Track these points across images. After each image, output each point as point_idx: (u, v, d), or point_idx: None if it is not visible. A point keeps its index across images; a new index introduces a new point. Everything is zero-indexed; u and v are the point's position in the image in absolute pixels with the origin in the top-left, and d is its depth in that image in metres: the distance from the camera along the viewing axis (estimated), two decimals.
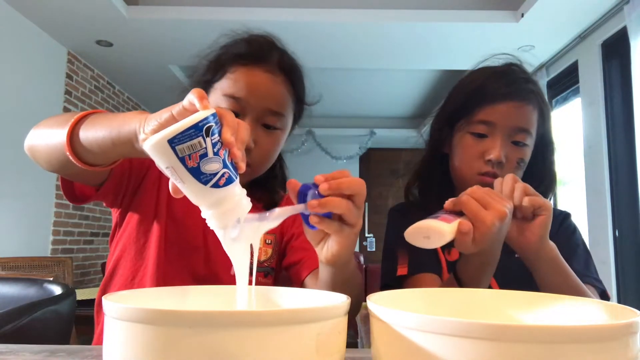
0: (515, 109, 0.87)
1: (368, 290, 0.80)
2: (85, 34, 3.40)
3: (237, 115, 0.82)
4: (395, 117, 5.99)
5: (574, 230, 0.98)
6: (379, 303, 0.43)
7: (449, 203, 0.68)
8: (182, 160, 0.46)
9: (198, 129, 0.46)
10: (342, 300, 0.45)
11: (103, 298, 0.43)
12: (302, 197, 0.58)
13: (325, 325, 0.41)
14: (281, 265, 0.95)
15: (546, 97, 3.65)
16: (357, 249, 6.31)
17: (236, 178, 0.50)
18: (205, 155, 0.47)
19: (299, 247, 0.91)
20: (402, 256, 0.92)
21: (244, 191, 0.52)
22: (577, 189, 3.29)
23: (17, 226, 3.22)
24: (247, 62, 0.85)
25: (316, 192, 0.56)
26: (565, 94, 3.66)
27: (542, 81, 3.72)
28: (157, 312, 0.37)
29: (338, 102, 5.41)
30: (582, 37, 3.26)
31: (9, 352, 0.60)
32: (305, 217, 0.60)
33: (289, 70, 0.88)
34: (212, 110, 0.49)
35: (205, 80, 0.88)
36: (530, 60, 3.72)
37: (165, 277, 0.83)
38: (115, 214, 0.89)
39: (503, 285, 0.88)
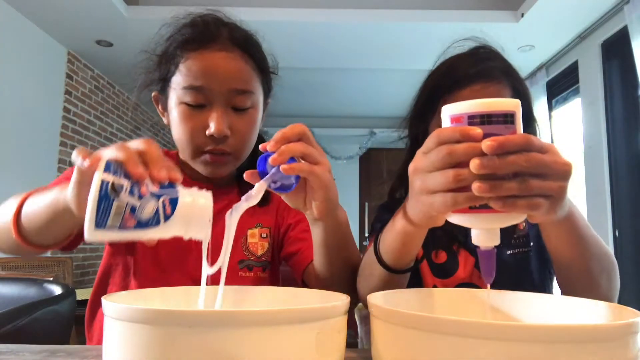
0: (479, 91, 0.81)
1: None
2: (85, 34, 3.40)
3: (203, 105, 0.79)
4: (395, 117, 5.96)
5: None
6: (379, 303, 0.43)
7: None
8: (123, 228, 0.45)
9: (106, 198, 0.44)
10: (341, 300, 0.45)
11: (103, 298, 0.43)
12: (264, 175, 0.59)
13: (325, 324, 0.41)
14: (280, 256, 0.94)
15: (546, 96, 3.66)
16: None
17: (177, 194, 0.48)
18: (133, 208, 0.45)
19: (295, 237, 0.90)
20: (371, 241, 0.88)
21: (194, 191, 0.50)
22: (577, 189, 3.29)
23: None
24: (197, 46, 0.79)
25: (270, 154, 0.57)
26: (565, 94, 3.66)
27: (542, 81, 3.72)
28: (157, 312, 0.37)
29: (338, 102, 5.41)
30: (582, 37, 3.25)
31: (9, 352, 0.60)
32: (278, 189, 0.61)
33: (243, 43, 0.82)
34: (103, 164, 0.45)
35: (160, 78, 0.84)
36: (531, 60, 3.68)
37: (159, 281, 0.81)
38: None
39: (497, 281, 0.86)
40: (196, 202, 0.49)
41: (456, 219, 0.49)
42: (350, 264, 0.76)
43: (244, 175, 0.60)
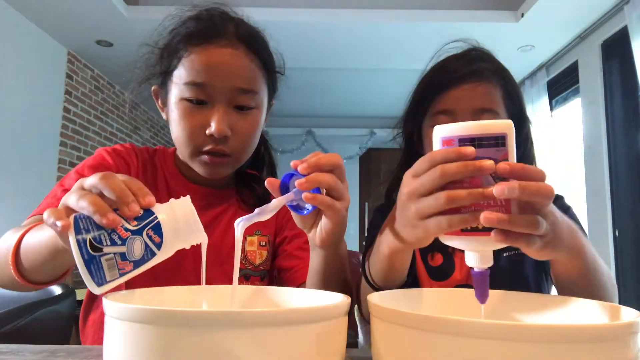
0: (469, 90, 0.82)
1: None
2: (85, 34, 3.39)
3: (205, 103, 0.76)
4: (395, 117, 5.94)
5: (567, 209, 0.91)
6: (378, 303, 0.43)
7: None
8: (122, 274, 0.45)
9: (91, 259, 0.44)
10: (342, 300, 0.45)
11: (104, 298, 0.43)
12: (285, 189, 0.59)
13: (326, 325, 0.41)
14: (272, 265, 0.92)
15: (546, 96, 3.66)
16: (357, 248, 6.31)
17: (156, 218, 0.47)
18: (123, 254, 0.45)
19: (291, 253, 0.88)
20: (367, 254, 0.89)
21: (172, 204, 0.49)
22: (577, 189, 3.29)
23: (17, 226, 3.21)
24: (200, 41, 0.76)
25: (298, 175, 0.56)
26: (565, 94, 3.66)
27: (542, 81, 3.71)
28: (158, 311, 0.37)
29: (338, 102, 5.40)
30: (582, 37, 3.25)
31: (9, 352, 0.60)
32: (292, 207, 0.61)
33: (249, 40, 0.79)
34: (73, 225, 0.44)
35: (162, 72, 0.81)
36: (531, 60, 3.67)
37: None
38: None
39: (492, 285, 0.85)
40: (178, 215, 0.49)
41: (450, 242, 0.50)
42: (341, 289, 0.74)
43: (266, 182, 0.59)
